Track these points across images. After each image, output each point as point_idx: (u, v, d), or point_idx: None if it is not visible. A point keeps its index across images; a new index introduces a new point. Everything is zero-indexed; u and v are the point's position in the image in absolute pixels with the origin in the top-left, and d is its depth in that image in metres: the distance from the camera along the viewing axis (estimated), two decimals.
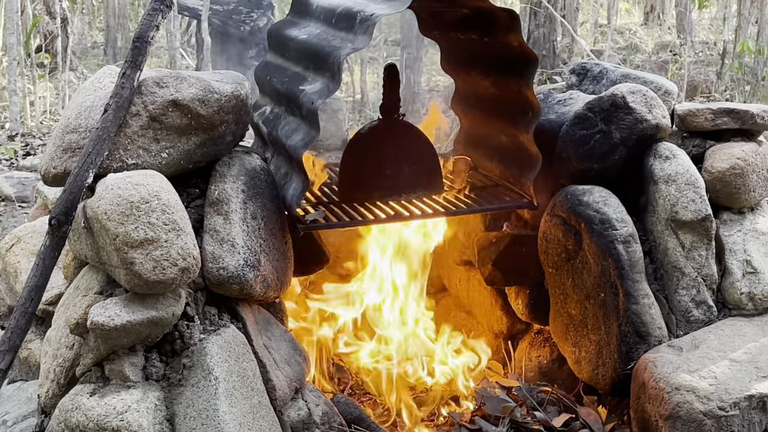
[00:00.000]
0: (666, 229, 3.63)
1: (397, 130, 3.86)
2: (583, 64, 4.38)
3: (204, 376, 3.02)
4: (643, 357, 3.47)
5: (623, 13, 20.81)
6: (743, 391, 3.25)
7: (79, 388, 2.99)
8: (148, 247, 2.84)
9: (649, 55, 14.93)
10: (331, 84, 3.19)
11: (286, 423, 3.31)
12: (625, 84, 3.77)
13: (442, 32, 4.14)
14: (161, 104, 3.12)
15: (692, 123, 3.84)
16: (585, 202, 3.62)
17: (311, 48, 3.46)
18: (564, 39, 14.92)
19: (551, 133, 3.82)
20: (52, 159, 3.15)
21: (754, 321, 3.64)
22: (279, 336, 3.50)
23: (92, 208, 2.89)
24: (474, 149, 4.27)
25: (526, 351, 4.22)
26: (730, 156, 3.71)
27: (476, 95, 4.19)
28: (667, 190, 3.62)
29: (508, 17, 3.52)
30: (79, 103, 3.23)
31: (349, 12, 3.36)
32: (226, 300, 3.27)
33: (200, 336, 3.11)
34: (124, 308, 2.89)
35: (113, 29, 15.68)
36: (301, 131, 3.33)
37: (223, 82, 3.31)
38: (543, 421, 3.70)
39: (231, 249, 3.16)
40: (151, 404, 2.93)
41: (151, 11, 3.24)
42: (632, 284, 3.53)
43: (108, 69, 3.51)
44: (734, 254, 3.70)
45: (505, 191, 3.93)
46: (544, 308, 3.96)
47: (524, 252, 4.00)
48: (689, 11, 16.20)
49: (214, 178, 3.29)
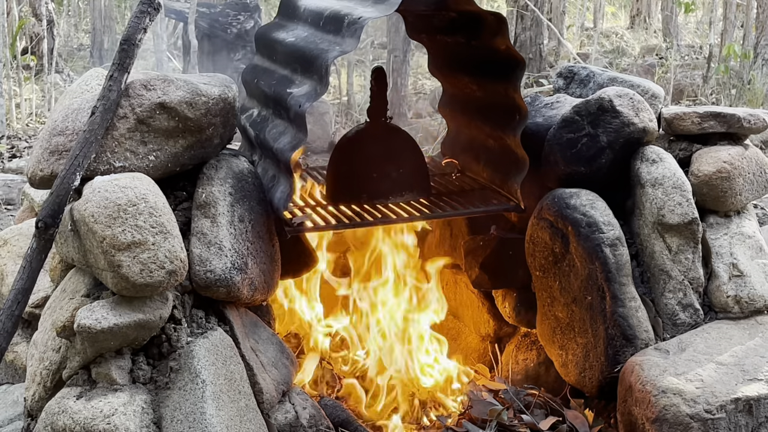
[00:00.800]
0: (653, 233, 3.64)
1: (385, 133, 3.86)
2: (570, 67, 4.38)
3: (191, 379, 3.02)
4: (630, 360, 3.48)
5: (609, 16, 20.89)
6: (729, 394, 3.26)
7: (66, 392, 2.98)
8: (135, 250, 2.83)
9: (636, 58, 14.99)
10: (319, 87, 3.19)
11: (273, 426, 3.31)
12: (612, 87, 3.78)
13: (430, 35, 4.14)
14: (148, 107, 3.12)
15: (679, 126, 3.85)
16: (572, 206, 3.62)
17: (299, 51, 3.46)
18: (550, 42, 14.96)
19: (538, 136, 3.82)
20: (38, 161, 3.14)
21: (740, 324, 3.65)
22: (266, 339, 3.50)
23: (79, 211, 2.88)
24: (461, 152, 4.28)
25: (513, 354, 4.23)
26: (717, 159, 3.72)
27: (463, 98, 4.19)
28: (654, 193, 3.63)
29: (496, 21, 3.52)
30: (66, 106, 3.22)
31: (336, 15, 3.35)
32: (213, 303, 3.26)
33: (187, 339, 3.10)
34: (111, 311, 2.88)
35: (99, 31, 15.65)
36: (288, 134, 3.33)
37: (211, 84, 3.30)
38: (530, 424, 3.70)
39: (218, 252, 3.16)
40: (138, 407, 2.92)
41: (139, 14, 3.23)
42: (619, 287, 3.53)
43: (95, 71, 3.51)
44: (721, 257, 3.71)
45: (492, 194, 3.93)
46: (531, 311, 3.96)
47: (511, 255, 4.00)
48: (675, 15, 16.30)
49: (201, 181, 3.29)
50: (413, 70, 12.81)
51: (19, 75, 11.49)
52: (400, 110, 10.42)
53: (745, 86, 10.91)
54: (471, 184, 4.08)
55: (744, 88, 10.90)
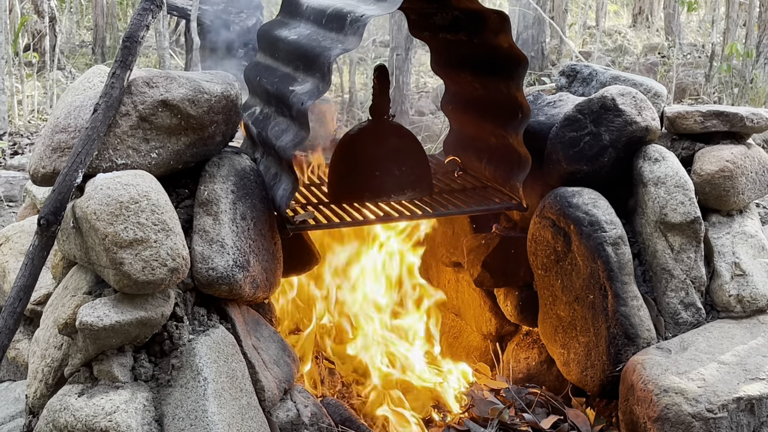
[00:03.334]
0: (655, 231, 3.64)
1: (387, 131, 3.86)
2: (572, 66, 4.38)
3: (193, 376, 3.02)
4: (632, 359, 3.48)
5: (612, 15, 20.86)
6: (731, 393, 3.26)
7: (68, 389, 2.98)
8: (138, 247, 2.83)
9: (638, 57, 14.97)
10: (321, 85, 3.19)
11: (274, 424, 3.31)
12: (615, 86, 3.77)
13: (432, 33, 4.13)
14: (151, 104, 3.12)
15: (681, 125, 3.84)
16: (574, 204, 3.62)
17: (301, 48, 3.46)
18: (553, 40, 14.95)
19: (541, 134, 3.82)
20: (41, 158, 3.14)
21: (742, 323, 3.65)
22: (268, 337, 3.50)
23: (81, 208, 2.89)
24: (464, 150, 4.27)
25: (515, 353, 4.23)
26: (719, 158, 3.72)
27: (466, 97, 4.19)
28: (657, 192, 3.62)
29: (498, 18, 3.52)
30: (69, 103, 3.22)
31: (339, 13, 3.35)
32: (215, 300, 3.26)
33: (189, 336, 3.10)
34: (113, 308, 2.88)
35: (101, 28, 15.63)
36: (290, 132, 3.32)
37: (213, 82, 3.30)
38: (531, 423, 3.70)
39: (220, 249, 3.15)
40: (139, 405, 2.92)
41: (141, 11, 3.23)
42: (621, 286, 3.53)
43: (97, 68, 3.51)
44: (723, 256, 3.70)
45: (494, 193, 3.93)
46: (533, 310, 3.96)
47: (513, 253, 4.00)
48: (678, 13, 16.28)
49: (203, 179, 3.29)
50: (416, 68, 12.79)
51: (21, 72, 11.48)
52: (403, 108, 10.41)
53: (747, 85, 10.90)
54: (473, 183, 4.08)
55: (746, 86, 10.89)
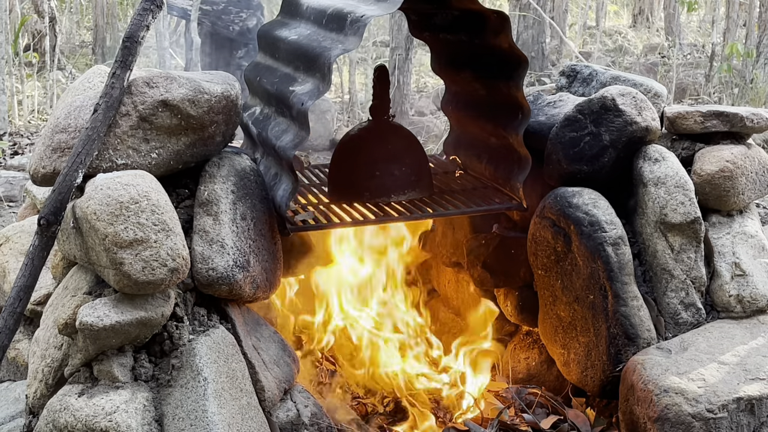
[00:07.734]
0: (655, 232, 3.64)
1: (387, 131, 3.86)
2: (573, 66, 4.38)
3: (193, 376, 3.02)
4: (632, 359, 3.48)
5: (612, 15, 20.86)
6: (732, 393, 3.26)
7: (68, 389, 2.98)
8: (138, 247, 2.83)
9: (638, 57, 14.97)
10: (321, 85, 3.19)
11: (274, 424, 3.31)
12: (615, 86, 3.77)
13: (433, 33, 4.14)
14: (151, 104, 3.11)
15: (682, 125, 3.84)
16: (574, 204, 3.62)
17: (301, 49, 3.46)
18: (553, 41, 14.95)
19: (541, 135, 3.82)
20: (41, 159, 3.14)
21: (742, 323, 3.64)
22: (268, 337, 3.50)
23: (81, 208, 2.88)
24: (464, 150, 4.28)
25: (515, 353, 4.23)
26: (720, 159, 3.72)
27: (466, 97, 4.19)
28: (657, 192, 3.62)
29: (499, 19, 3.52)
30: (69, 103, 3.22)
31: (339, 13, 3.35)
32: (215, 301, 3.26)
33: (189, 337, 3.10)
34: (113, 309, 2.88)
35: (102, 28, 15.62)
36: (290, 132, 3.32)
37: (214, 82, 3.30)
38: (531, 423, 3.70)
39: (220, 250, 3.15)
40: (139, 405, 2.92)
41: (142, 11, 3.23)
42: (621, 286, 3.53)
43: (97, 69, 3.50)
44: (723, 257, 3.70)
45: (494, 193, 3.93)
46: (533, 310, 3.96)
47: (513, 254, 4.00)
48: (678, 14, 16.27)
49: (203, 179, 3.28)
50: (416, 68, 12.80)
51: (22, 72, 11.48)
52: (403, 108, 10.41)
53: (747, 85, 10.89)
54: (473, 183, 4.08)
55: (746, 87, 10.88)
